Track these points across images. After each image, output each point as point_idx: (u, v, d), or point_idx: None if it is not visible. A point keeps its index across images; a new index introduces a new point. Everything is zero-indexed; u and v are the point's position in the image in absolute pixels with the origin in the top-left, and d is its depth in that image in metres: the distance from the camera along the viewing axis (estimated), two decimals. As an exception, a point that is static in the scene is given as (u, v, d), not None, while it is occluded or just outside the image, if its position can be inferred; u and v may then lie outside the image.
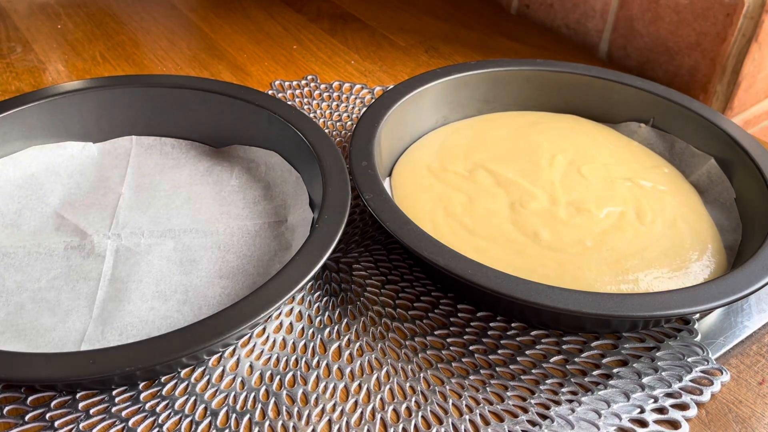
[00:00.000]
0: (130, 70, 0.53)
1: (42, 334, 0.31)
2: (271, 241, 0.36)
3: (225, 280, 0.34)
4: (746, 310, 0.34)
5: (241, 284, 0.34)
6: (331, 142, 0.37)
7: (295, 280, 0.29)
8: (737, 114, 0.51)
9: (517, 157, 0.42)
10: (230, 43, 0.57)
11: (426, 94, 0.43)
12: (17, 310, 0.32)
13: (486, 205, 0.38)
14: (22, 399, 0.29)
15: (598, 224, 0.37)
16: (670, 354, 0.32)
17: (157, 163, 0.41)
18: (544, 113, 0.46)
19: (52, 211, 0.38)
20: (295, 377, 0.30)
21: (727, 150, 0.39)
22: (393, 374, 0.31)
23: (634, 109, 0.44)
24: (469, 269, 0.30)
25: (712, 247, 0.36)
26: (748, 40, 0.47)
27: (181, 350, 0.26)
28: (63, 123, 0.40)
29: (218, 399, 0.29)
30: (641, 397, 0.30)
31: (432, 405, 0.29)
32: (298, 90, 0.51)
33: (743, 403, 0.30)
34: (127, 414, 0.29)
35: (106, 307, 0.32)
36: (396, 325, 0.33)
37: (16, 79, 0.51)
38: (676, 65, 0.52)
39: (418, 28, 0.61)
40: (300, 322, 0.33)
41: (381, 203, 0.33)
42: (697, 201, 0.39)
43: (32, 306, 0.32)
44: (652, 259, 0.35)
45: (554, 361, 0.32)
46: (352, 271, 0.36)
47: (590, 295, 0.29)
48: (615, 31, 0.55)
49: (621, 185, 0.40)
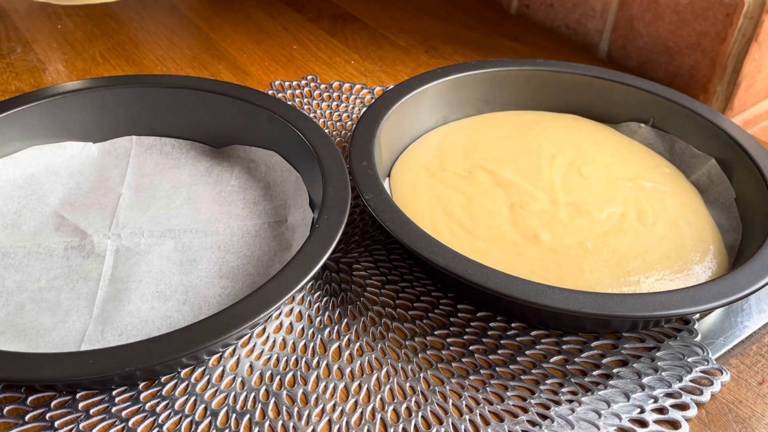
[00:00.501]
0: (130, 70, 0.53)
1: (42, 334, 0.31)
2: (271, 241, 0.36)
3: (225, 280, 0.34)
4: (746, 310, 0.34)
5: (241, 284, 0.34)
6: (331, 142, 0.37)
7: (295, 280, 0.29)
8: (737, 114, 0.51)
9: (516, 157, 0.42)
10: (230, 43, 0.57)
11: (426, 94, 0.43)
12: (17, 310, 0.32)
13: (485, 206, 0.38)
14: (22, 399, 0.29)
15: (599, 226, 0.37)
16: (670, 354, 0.32)
17: (157, 163, 0.41)
18: (543, 112, 0.46)
19: (52, 211, 0.38)
20: (295, 377, 0.30)
21: (727, 150, 0.39)
22: (393, 374, 0.31)
23: (634, 109, 0.44)
24: (469, 269, 0.30)
25: (714, 248, 0.36)
26: (748, 40, 0.47)
27: (181, 350, 0.26)
28: (63, 123, 0.40)
29: (218, 399, 0.29)
30: (641, 397, 0.30)
31: (432, 405, 0.29)
32: (298, 90, 0.51)
33: (743, 403, 0.30)
34: (127, 414, 0.29)
35: (106, 307, 0.32)
36: (396, 325, 0.33)
37: (16, 79, 0.51)
38: (676, 65, 0.52)
39: (418, 28, 0.61)
40: (300, 322, 0.33)
41: (381, 203, 0.33)
42: (698, 201, 0.39)
43: (32, 306, 0.32)
44: (654, 261, 0.35)
45: (554, 361, 0.31)
46: (352, 271, 0.36)
47: (590, 295, 0.29)
48: (615, 31, 0.55)
49: (622, 186, 0.40)
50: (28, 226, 0.37)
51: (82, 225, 0.36)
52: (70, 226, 0.36)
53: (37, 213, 0.37)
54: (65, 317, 0.32)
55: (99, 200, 0.38)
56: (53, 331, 0.31)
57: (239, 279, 0.34)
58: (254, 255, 0.35)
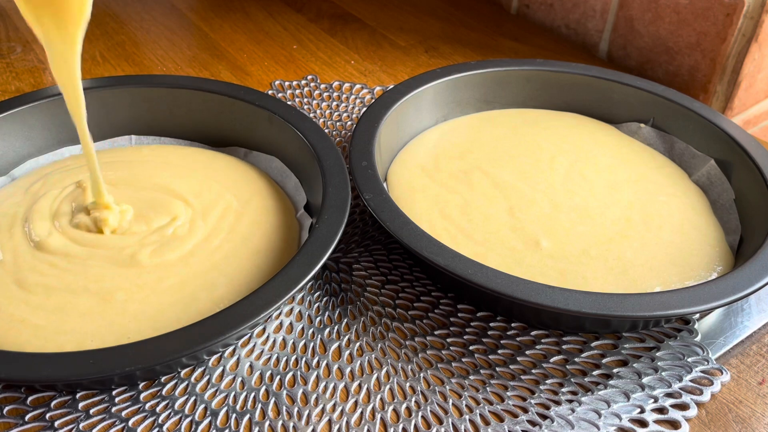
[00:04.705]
0: (129, 70, 0.53)
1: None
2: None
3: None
4: (746, 310, 0.34)
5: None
6: (331, 142, 0.37)
7: (295, 280, 0.29)
8: (737, 114, 0.51)
9: (515, 158, 0.41)
10: (230, 43, 0.57)
11: (426, 94, 0.43)
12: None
13: (484, 209, 0.37)
14: (22, 399, 0.29)
15: (603, 231, 0.36)
16: (670, 354, 0.32)
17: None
18: (543, 111, 0.46)
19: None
20: (295, 377, 0.30)
21: (727, 150, 0.39)
22: (393, 374, 0.31)
23: (634, 110, 0.44)
24: (469, 269, 0.30)
25: (720, 252, 0.35)
26: (748, 39, 0.47)
27: (181, 350, 0.26)
28: (63, 123, 0.40)
29: (218, 399, 0.29)
30: (641, 397, 0.30)
31: (432, 405, 0.29)
32: (298, 90, 0.51)
33: (743, 403, 0.30)
34: (127, 414, 0.29)
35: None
36: (396, 325, 0.33)
37: (16, 79, 0.51)
38: (676, 65, 0.52)
39: (418, 28, 0.61)
40: (300, 322, 0.33)
41: (381, 203, 0.33)
42: (703, 203, 0.39)
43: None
44: (661, 268, 0.34)
45: (554, 361, 0.31)
46: (352, 271, 0.36)
47: (590, 295, 0.29)
48: (615, 31, 0.55)
49: (626, 188, 0.39)
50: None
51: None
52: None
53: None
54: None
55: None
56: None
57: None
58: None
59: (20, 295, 0.31)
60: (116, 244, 0.34)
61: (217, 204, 0.37)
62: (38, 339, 0.29)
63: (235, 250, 0.34)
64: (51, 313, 0.30)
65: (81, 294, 0.31)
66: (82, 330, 0.30)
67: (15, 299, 0.31)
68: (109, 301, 0.31)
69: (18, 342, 0.29)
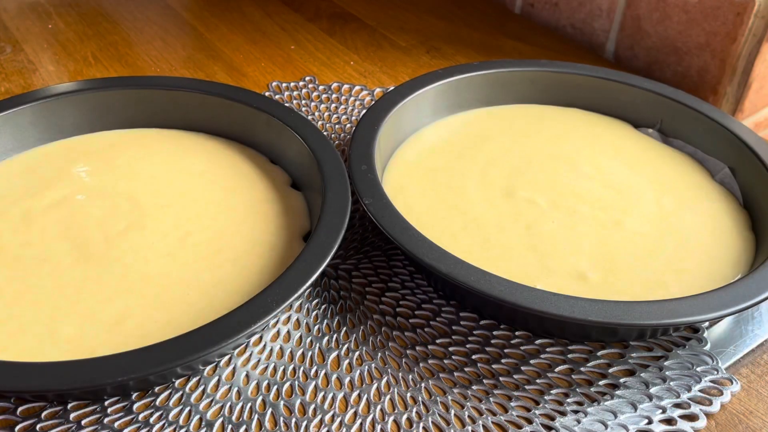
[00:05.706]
0: (123, 71, 0.52)
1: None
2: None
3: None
4: (757, 318, 0.34)
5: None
6: (330, 146, 0.37)
7: (293, 287, 0.29)
8: (748, 116, 0.51)
9: (516, 158, 0.41)
10: (226, 43, 0.57)
11: (427, 95, 0.42)
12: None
13: (491, 217, 0.36)
14: (11, 409, 0.29)
15: (626, 242, 0.35)
16: (678, 363, 0.31)
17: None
18: (549, 107, 0.45)
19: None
20: (292, 387, 0.30)
21: (737, 153, 0.39)
22: (393, 384, 0.30)
23: (641, 112, 0.43)
24: (472, 276, 0.29)
25: (742, 259, 0.34)
26: (759, 40, 0.47)
27: (176, 360, 0.26)
28: (55, 126, 0.40)
29: (213, 410, 0.29)
30: (649, 407, 0.29)
31: (433, 416, 0.29)
32: (296, 91, 0.50)
33: (754, 414, 0.30)
34: (119, 425, 0.28)
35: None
36: (396, 333, 0.32)
37: (6, 80, 0.51)
38: (685, 66, 0.51)
39: (419, 28, 0.60)
40: (298, 331, 0.32)
41: (381, 208, 0.33)
42: (729, 206, 0.38)
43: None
44: (692, 281, 0.33)
45: (559, 370, 0.31)
46: (352, 278, 0.35)
47: (596, 303, 0.28)
48: (622, 31, 0.55)
49: (647, 192, 0.38)
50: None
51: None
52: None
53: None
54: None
55: None
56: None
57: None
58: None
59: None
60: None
61: (215, 208, 0.36)
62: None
63: (233, 256, 0.33)
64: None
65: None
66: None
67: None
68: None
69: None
